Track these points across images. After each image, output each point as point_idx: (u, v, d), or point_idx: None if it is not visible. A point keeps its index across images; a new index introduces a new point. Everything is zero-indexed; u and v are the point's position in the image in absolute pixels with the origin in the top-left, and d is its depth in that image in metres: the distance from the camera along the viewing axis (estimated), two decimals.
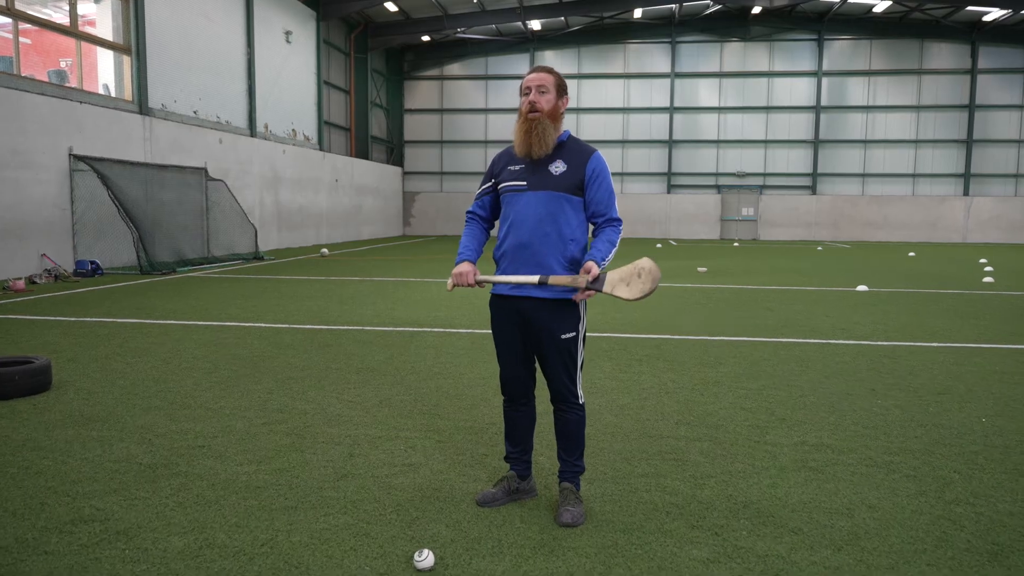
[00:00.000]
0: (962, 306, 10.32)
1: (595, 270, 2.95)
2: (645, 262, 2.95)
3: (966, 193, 33.10)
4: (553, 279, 2.99)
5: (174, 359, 6.33)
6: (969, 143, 32.71)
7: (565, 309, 3.11)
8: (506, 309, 3.20)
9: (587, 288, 2.95)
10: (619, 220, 3.15)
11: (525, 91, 3.15)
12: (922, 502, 3.36)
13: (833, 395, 5.27)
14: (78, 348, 6.78)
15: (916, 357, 6.68)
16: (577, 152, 3.15)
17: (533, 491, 3.39)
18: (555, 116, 3.14)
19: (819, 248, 26.40)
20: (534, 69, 3.19)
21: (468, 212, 3.38)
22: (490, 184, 3.30)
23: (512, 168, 3.19)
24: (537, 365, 3.30)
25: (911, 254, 22.98)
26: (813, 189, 33.84)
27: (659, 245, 27.43)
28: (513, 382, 3.28)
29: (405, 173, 35.87)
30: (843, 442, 4.21)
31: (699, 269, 15.90)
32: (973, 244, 31.50)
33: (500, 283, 3.12)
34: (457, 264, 3.20)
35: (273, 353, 6.61)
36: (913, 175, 33.34)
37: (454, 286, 3.13)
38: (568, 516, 3.08)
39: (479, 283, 3.14)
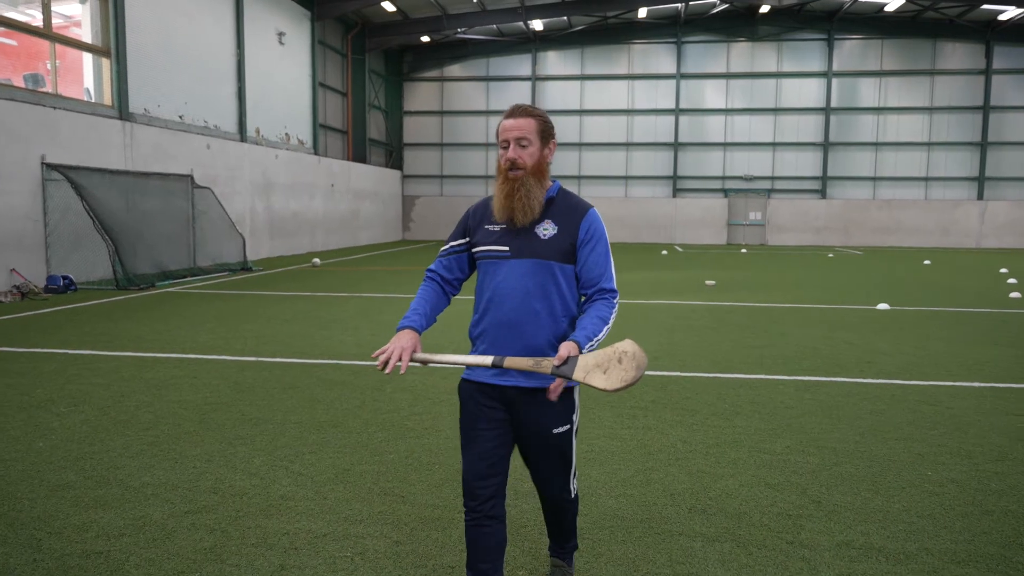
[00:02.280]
0: (995, 330, 9.49)
1: (572, 352, 2.32)
2: (628, 345, 2.35)
3: (980, 197, 32.18)
4: (509, 362, 2.37)
5: (113, 408, 5.55)
6: (984, 145, 31.80)
7: (559, 400, 2.54)
8: (484, 397, 2.58)
9: (553, 373, 2.31)
10: (614, 291, 2.57)
11: (503, 144, 2.54)
12: None
13: (873, 462, 4.46)
14: (10, 392, 6.00)
15: (959, 403, 5.86)
16: (569, 210, 2.58)
17: None
18: (540, 171, 2.55)
19: (830, 255, 25.54)
20: (511, 112, 2.55)
21: (428, 270, 2.74)
22: (463, 242, 2.70)
23: (490, 228, 2.60)
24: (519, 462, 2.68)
25: (926, 262, 22.11)
26: (823, 193, 32.96)
27: (664, 252, 26.59)
28: (481, 487, 2.57)
29: (404, 176, 35.09)
30: (896, 543, 3.40)
31: (707, 283, 15.08)
32: (988, 250, 30.58)
33: (444, 364, 2.50)
34: (398, 330, 2.51)
35: (229, 399, 5.83)
36: (926, 178, 32.43)
37: (384, 363, 2.40)
38: None
39: (420, 362, 2.46)
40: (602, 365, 2.32)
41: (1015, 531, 3.54)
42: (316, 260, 19.73)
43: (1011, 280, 15.98)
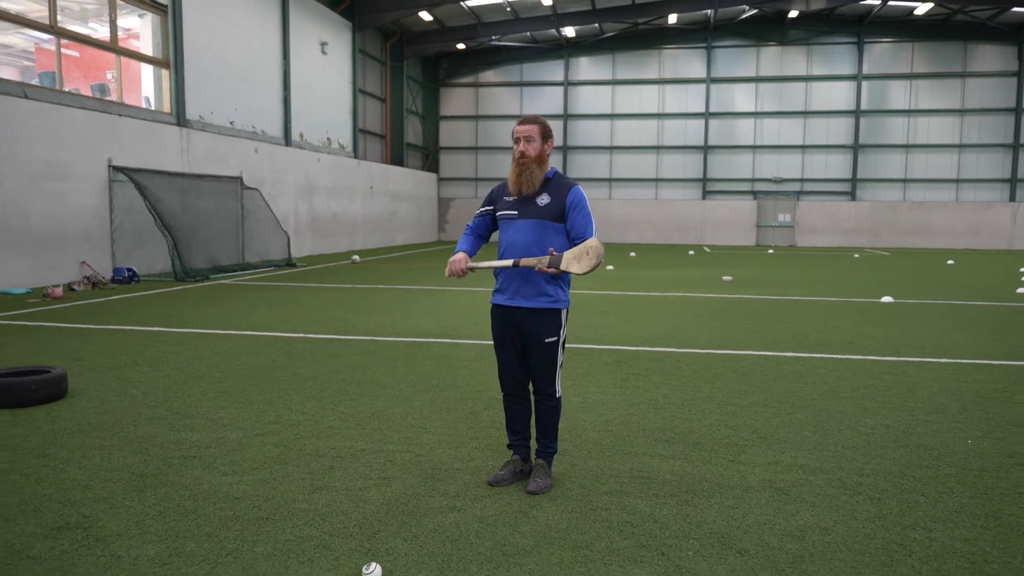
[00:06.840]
0: (986, 319, 10.13)
1: (554, 252, 3.63)
2: (592, 242, 3.59)
3: (1012, 199, 32.20)
4: (523, 261, 3.65)
5: (187, 368, 6.60)
6: (1016, 147, 31.83)
7: (550, 318, 3.80)
8: (503, 316, 3.87)
9: (550, 263, 3.57)
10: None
11: (515, 140, 3.79)
12: (878, 526, 3.39)
13: (823, 413, 5.28)
14: (98, 357, 7.10)
15: (920, 374, 6.62)
16: (560, 187, 3.81)
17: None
18: (541, 159, 3.80)
19: (855, 256, 25.96)
20: (521, 120, 3.83)
21: (467, 226, 4.04)
22: (489, 209, 3.99)
23: (507, 199, 3.89)
24: None
25: (949, 262, 22.48)
26: (852, 195, 33.27)
27: (691, 252, 27.26)
28: (509, 378, 3.92)
29: (440, 179, 36.24)
30: (818, 462, 4.24)
31: (724, 278, 15.82)
32: (1019, 252, 30.61)
33: (485, 268, 3.79)
34: (454, 254, 3.83)
35: (282, 363, 6.85)
36: (956, 180, 32.55)
37: (450, 275, 3.78)
38: (534, 486, 3.75)
39: (470, 269, 3.78)
40: (577, 257, 3.59)
41: (919, 458, 4.35)
42: (356, 257, 20.88)
43: None
